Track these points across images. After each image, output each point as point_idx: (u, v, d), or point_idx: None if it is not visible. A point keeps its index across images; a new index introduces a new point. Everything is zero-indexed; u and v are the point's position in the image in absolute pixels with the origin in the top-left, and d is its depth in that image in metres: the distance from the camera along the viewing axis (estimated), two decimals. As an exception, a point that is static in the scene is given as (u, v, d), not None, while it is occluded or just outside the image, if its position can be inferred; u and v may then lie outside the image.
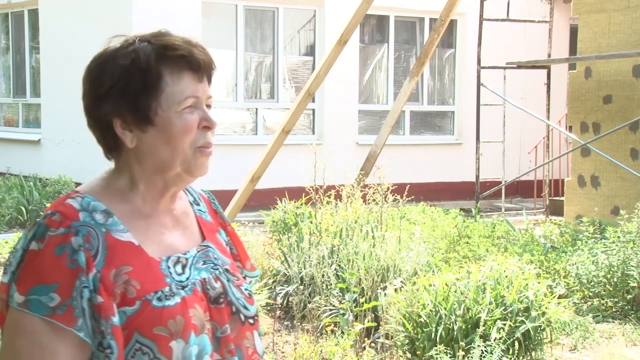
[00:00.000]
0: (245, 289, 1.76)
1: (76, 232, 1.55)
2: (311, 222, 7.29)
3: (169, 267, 1.64)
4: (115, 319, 1.54)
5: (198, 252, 1.72)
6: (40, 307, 1.51)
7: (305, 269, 6.48)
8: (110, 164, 1.72)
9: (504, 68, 11.36)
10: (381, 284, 5.96)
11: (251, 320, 1.74)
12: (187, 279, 1.65)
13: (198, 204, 1.83)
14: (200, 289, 1.66)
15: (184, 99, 1.63)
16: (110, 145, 1.67)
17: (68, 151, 12.84)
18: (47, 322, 1.51)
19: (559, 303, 5.79)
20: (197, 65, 1.64)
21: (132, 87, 1.61)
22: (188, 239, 1.73)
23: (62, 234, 1.54)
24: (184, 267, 1.67)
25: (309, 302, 6.17)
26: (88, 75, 1.66)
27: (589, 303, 6.89)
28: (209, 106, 1.68)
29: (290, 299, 6.47)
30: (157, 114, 1.62)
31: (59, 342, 1.52)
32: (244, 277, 1.83)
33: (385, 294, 5.68)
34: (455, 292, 5.31)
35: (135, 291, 1.57)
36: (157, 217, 1.69)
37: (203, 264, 1.71)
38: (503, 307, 5.21)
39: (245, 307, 1.73)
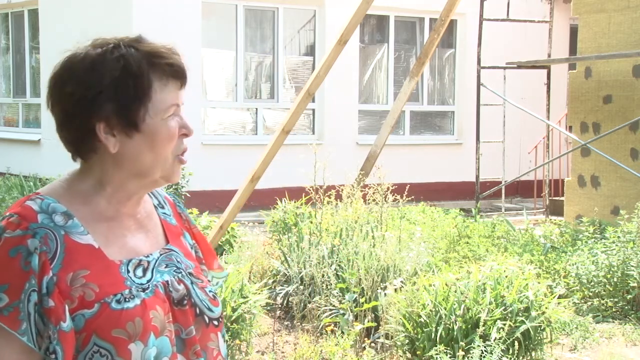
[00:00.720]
0: (210, 291, 1.76)
1: (33, 234, 1.54)
2: (311, 222, 7.29)
3: (128, 271, 1.64)
4: (65, 325, 1.53)
5: (161, 255, 1.72)
6: None
7: (305, 269, 6.48)
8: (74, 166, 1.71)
9: (504, 68, 11.36)
10: (381, 284, 5.96)
11: (215, 322, 1.74)
12: (148, 281, 1.65)
13: (163, 207, 1.83)
14: (163, 291, 1.66)
15: (169, 106, 1.64)
16: (86, 147, 1.65)
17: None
18: None
19: (559, 303, 5.79)
20: (181, 73, 1.66)
21: (123, 93, 1.60)
22: (151, 242, 1.73)
23: (18, 236, 1.53)
24: (145, 270, 1.66)
25: (309, 302, 6.17)
26: (71, 77, 1.63)
27: (589, 303, 6.89)
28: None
29: (290, 299, 6.47)
30: (144, 121, 1.62)
31: (3, 345, 1.51)
32: (209, 280, 1.83)
33: (385, 294, 5.69)
34: (455, 292, 5.31)
35: (94, 294, 1.56)
36: (120, 220, 1.68)
37: (165, 267, 1.70)
38: (503, 307, 5.21)
39: (210, 309, 1.73)
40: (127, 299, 1.59)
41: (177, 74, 1.65)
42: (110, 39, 1.65)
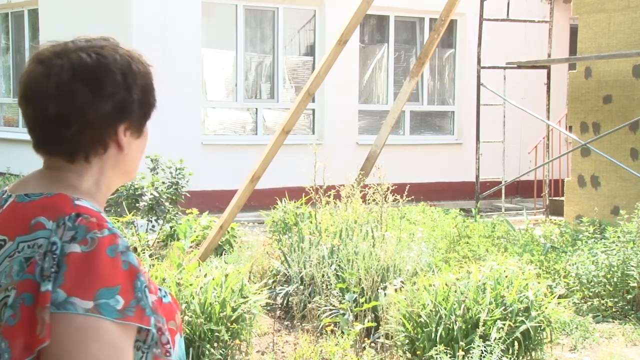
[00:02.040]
0: None
1: (118, 234, 1.55)
2: (311, 222, 7.29)
3: None
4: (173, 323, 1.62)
5: None
6: (110, 311, 1.48)
7: (305, 269, 6.48)
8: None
9: (504, 68, 11.36)
10: (381, 284, 5.96)
11: None
12: None
13: None
14: None
15: (151, 113, 1.72)
16: (98, 147, 1.62)
17: (68, 151, 12.83)
18: (120, 324, 1.49)
19: (559, 303, 5.79)
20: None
21: (151, 100, 1.68)
22: None
23: (109, 235, 1.52)
24: None
25: (309, 302, 6.17)
26: (108, 76, 1.61)
27: (589, 303, 6.89)
28: None
29: (290, 299, 6.47)
30: (146, 124, 1.71)
31: (132, 345, 1.54)
32: None
33: (385, 294, 5.69)
34: (455, 292, 5.31)
35: (152, 287, 1.61)
36: None
37: None
38: (503, 307, 5.21)
39: None
40: (164, 296, 1.65)
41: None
42: (97, 37, 1.68)
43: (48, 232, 1.52)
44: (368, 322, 5.65)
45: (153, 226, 8.53)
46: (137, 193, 8.37)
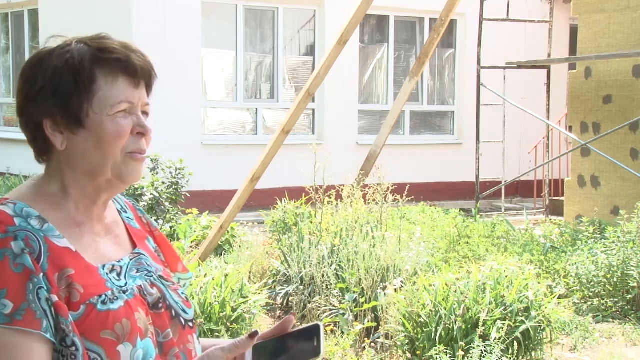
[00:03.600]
0: (182, 293, 1.75)
1: (15, 236, 1.51)
2: (311, 222, 7.29)
3: (107, 274, 1.62)
4: (72, 316, 1.52)
5: (131, 259, 1.70)
6: None
7: (305, 269, 6.48)
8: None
9: (504, 68, 11.36)
10: (381, 284, 5.96)
11: (190, 324, 1.73)
12: (126, 284, 1.64)
13: (125, 212, 1.81)
14: (140, 295, 1.65)
15: (117, 103, 1.60)
16: (41, 147, 1.64)
17: (68, 151, 12.83)
18: (9, 329, 1.46)
19: (559, 303, 5.79)
20: (134, 70, 1.62)
21: (63, 88, 1.59)
22: (120, 247, 1.71)
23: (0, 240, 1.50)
24: (119, 274, 1.65)
25: (309, 302, 6.17)
26: (22, 74, 1.64)
27: (589, 303, 6.89)
28: (145, 113, 1.66)
29: (290, 299, 6.47)
30: (88, 116, 1.59)
31: (28, 347, 1.48)
32: (178, 281, 1.82)
33: (385, 294, 5.69)
34: (455, 292, 5.31)
35: (79, 295, 1.54)
36: (90, 225, 1.66)
37: (137, 272, 1.69)
38: (503, 307, 5.21)
39: (184, 311, 1.72)
40: (111, 300, 1.57)
41: (127, 70, 1.62)
42: (71, 37, 1.64)
43: None
44: (368, 322, 5.65)
45: (153, 226, 8.52)
46: (137, 193, 8.37)
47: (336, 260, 6.43)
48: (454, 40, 14.30)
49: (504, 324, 5.06)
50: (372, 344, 5.61)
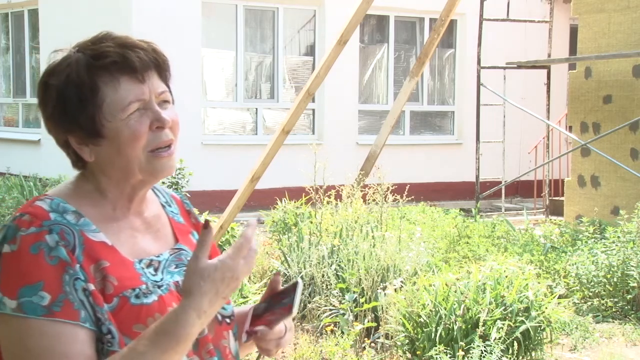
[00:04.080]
0: None
1: (49, 230, 1.53)
2: (311, 222, 7.29)
3: (143, 268, 1.62)
4: (106, 307, 1.53)
5: (171, 255, 1.70)
6: (34, 308, 1.48)
7: (305, 269, 6.48)
8: None
9: (504, 68, 11.36)
10: (381, 284, 5.96)
11: (228, 320, 1.73)
12: (162, 279, 1.63)
13: (170, 206, 1.80)
14: (175, 291, 1.64)
15: (126, 105, 1.58)
16: (74, 160, 1.66)
17: (68, 151, 12.83)
18: (49, 321, 1.48)
19: (559, 303, 5.79)
20: (133, 67, 1.59)
21: (70, 106, 1.58)
22: (160, 242, 1.71)
23: (34, 233, 1.52)
24: (156, 269, 1.65)
25: (309, 302, 6.17)
26: (37, 96, 1.64)
27: (589, 303, 6.89)
28: (165, 101, 1.64)
29: (290, 299, 6.46)
30: (104, 126, 1.59)
31: (69, 338, 1.49)
32: None
33: (385, 294, 5.69)
34: (455, 292, 5.31)
35: (113, 287, 1.55)
36: (128, 221, 1.67)
37: (175, 267, 1.68)
38: (503, 307, 5.21)
39: (222, 307, 1.69)
40: (145, 294, 1.58)
41: (126, 69, 1.59)
42: (71, 47, 1.63)
43: None
44: (368, 322, 5.65)
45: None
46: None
47: (336, 260, 6.43)
48: (454, 40, 14.30)
49: (504, 324, 5.06)
50: (372, 344, 5.61)
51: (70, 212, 1.59)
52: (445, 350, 4.93)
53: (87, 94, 1.58)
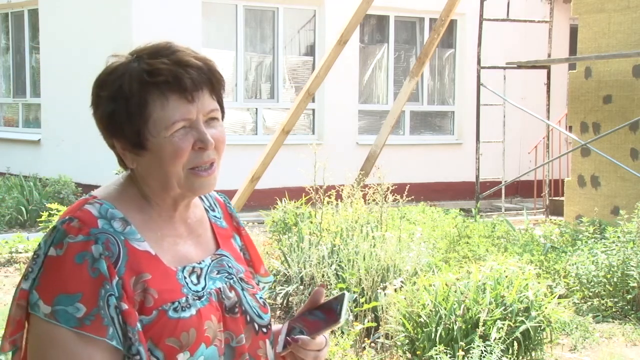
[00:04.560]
0: (260, 297, 1.73)
1: (96, 239, 1.54)
2: (311, 222, 7.29)
3: (185, 277, 1.63)
4: (139, 326, 1.54)
5: (212, 261, 1.70)
6: (67, 319, 1.50)
7: (305, 269, 6.48)
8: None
9: (504, 68, 11.36)
10: (381, 284, 5.96)
11: (264, 329, 1.72)
12: (203, 289, 1.63)
13: (213, 210, 1.81)
14: (216, 299, 1.64)
15: (171, 124, 1.59)
16: (120, 162, 1.68)
17: (68, 151, 12.83)
18: (77, 333, 1.50)
19: (559, 303, 5.79)
20: (184, 88, 1.59)
21: (117, 116, 1.60)
22: (202, 248, 1.71)
23: (81, 242, 1.53)
24: (198, 277, 1.65)
25: (309, 302, 6.17)
26: (91, 98, 1.65)
27: (589, 303, 6.89)
28: (214, 119, 1.64)
29: (290, 299, 6.47)
30: (148, 140, 1.59)
31: (92, 352, 1.51)
32: (257, 284, 1.82)
33: (385, 294, 5.68)
34: (455, 292, 5.31)
35: (153, 300, 1.56)
36: (172, 228, 1.67)
37: (217, 274, 1.69)
38: (503, 307, 5.21)
39: (260, 316, 1.70)
40: (183, 308, 1.58)
41: (177, 89, 1.59)
42: (133, 51, 1.64)
43: (46, 235, 1.58)
44: (368, 322, 5.65)
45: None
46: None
47: (336, 260, 6.43)
48: (454, 40, 14.30)
49: (504, 324, 5.05)
50: (372, 344, 5.61)
51: (118, 219, 1.60)
52: (445, 350, 4.93)
53: (135, 108, 1.59)
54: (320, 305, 1.73)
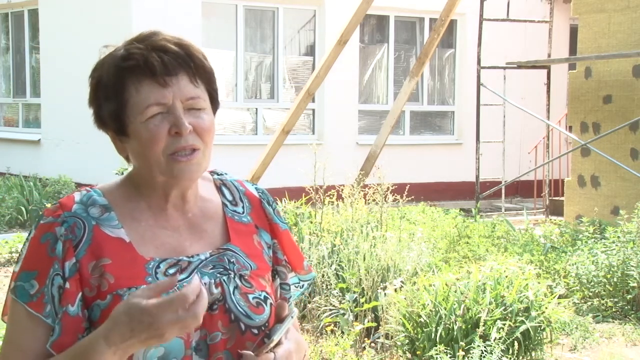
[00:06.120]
0: (255, 297, 1.68)
1: (62, 222, 1.59)
2: (311, 222, 7.29)
3: (157, 268, 1.62)
4: (72, 309, 1.56)
5: (212, 255, 1.68)
6: (22, 294, 1.58)
7: (305, 269, 6.48)
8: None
9: (504, 68, 11.36)
10: (381, 284, 5.95)
11: (255, 331, 1.66)
12: (179, 281, 1.60)
13: (235, 205, 1.78)
14: None
15: (145, 108, 1.59)
16: (117, 149, 1.72)
17: (68, 151, 12.84)
18: (25, 309, 1.57)
19: (559, 303, 5.79)
20: (153, 71, 1.59)
21: (99, 102, 1.64)
22: (204, 242, 1.69)
23: (49, 223, 1.60)
24: (182, 270, 1.63)
25: (309, 302, 6.17)
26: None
27: (589, 303, 6.89)
28: (194, 108, 1.62)
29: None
30: (127, 126, 1.62)
31: (35, 328, 1.57)
32: (292, 284, 1.80)
33: (385, 294, 5.68)
34: (455, 292, 5.31)
35: (108, 285, 1.58)
36: (164, 219, 1.67)
37: (211, 268, 1.66)
38: (503, 307, 5.21)
39: (248, 316, 1.65)
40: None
41: (150, 72, 1.59)
42: (121, 43, 1.67)
43: None
44: (368, 322, 5.65)
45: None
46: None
47: (336, 260, 6.43)
48: (454, 40, 14.30)
49: (504, 324, 5.06)
50: (372, 344, 5.61)
51: (98, 206, 1.64)
52: (445, 350, 4.93)
53: (112, 93, 1.62)
54: (280, 320, 1.67)
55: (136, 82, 1.60)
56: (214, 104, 1.69)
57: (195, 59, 1.66)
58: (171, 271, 1.63)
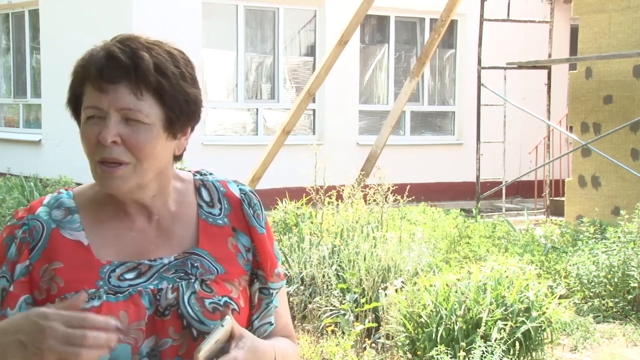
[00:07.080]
0: (211, 303, 1.61)
1: (22, 225, 1.61)
2: (312, 223, 7.29)
3: (113, 271, 1.59)
4: (11, 312, 1.57)
5: (176, 259, 1.64)
6: None
7: (305, 269, 6.48)
8: None
9: (505, 68, 11.36)
10: (382, 284, 5.95)
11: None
12: (132, 286, 1.59)
13: (212, 206, 1.73)
14: (147, 299, 1.58)
15: (85, 108, 1.59)
16: None
17: (68, 152, 12.83)
18: None
19: (559, 303, 5.79)
20: (93, 76, 1.57)
21: (69, 101, 1.65)
22: (169, 245, 1.65)
23: (12, 225, 1.63)
24: (140, 274, 1.60)
25: (310, 303, 6.17)
26: None
27: (590, 303, 6.89)
28: (137, 121, 1.56)
29: (291, 299, 6.47)
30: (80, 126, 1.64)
31: None
32: (272, 288, 1.73)
33: (386, 294, 5.68)
34: (456, 292, 5.31)
35: (57, 288, 1.58)
36: (129, 222, 1.65)
37: (173, 273, 1.63)
38: (504, 308, 5.20)
39: (201, 322, 1.59)
40: (90, 299, 1.55)
41: (90, 76, 1.58)
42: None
43: None
44: (369, 322, 5.65)
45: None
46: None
47: (337, 261, 6.43)
48: (454, 41, 14.30)
49: (505, 325, 5.05)
50: (373, 345, 5.61)
51: (63, 209, 1.64)
52: (446, 351, 4.93)
53: (72, 92, 1.64)
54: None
55: (87, 81, 1.59)
56: (173, 127, 1.65)
57: (143, 72, 1.57)
58: (128, 275, 1.60)
